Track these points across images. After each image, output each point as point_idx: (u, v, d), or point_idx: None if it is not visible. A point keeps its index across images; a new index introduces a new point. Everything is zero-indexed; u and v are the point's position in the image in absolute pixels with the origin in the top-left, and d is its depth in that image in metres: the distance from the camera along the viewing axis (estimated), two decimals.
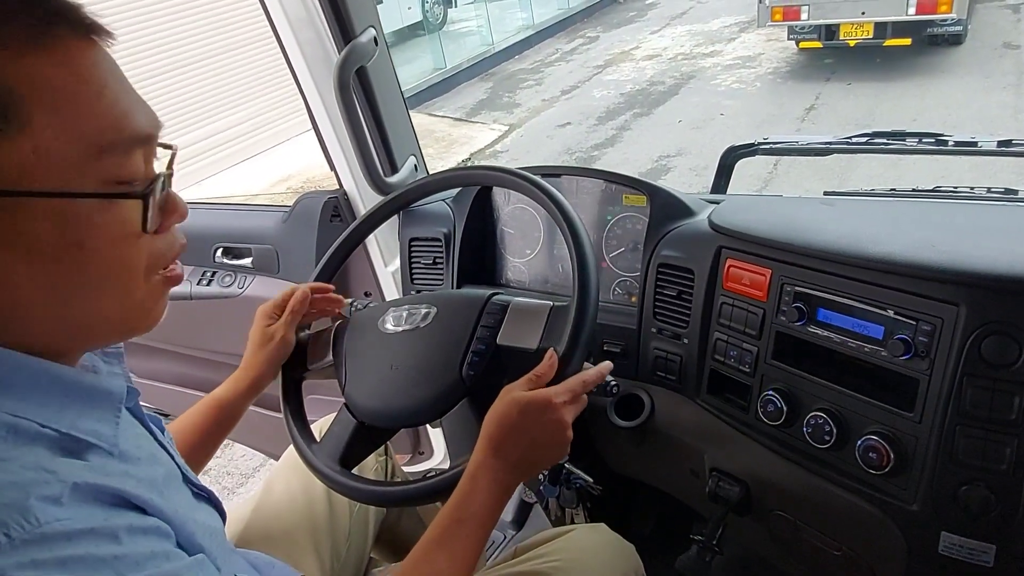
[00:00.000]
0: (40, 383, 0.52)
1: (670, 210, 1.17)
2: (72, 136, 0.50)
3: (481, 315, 0.93)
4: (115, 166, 0.52)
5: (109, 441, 0.55)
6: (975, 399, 0.80)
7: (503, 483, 0.75)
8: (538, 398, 0.77)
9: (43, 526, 0.44)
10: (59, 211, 0.50)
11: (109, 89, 0.52)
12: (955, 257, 0.84)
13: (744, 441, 1.05)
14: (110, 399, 0.58)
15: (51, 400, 0.52)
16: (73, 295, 0.53)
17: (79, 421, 0.53)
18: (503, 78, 9.17)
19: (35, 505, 0.44)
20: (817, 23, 6.62)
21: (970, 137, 1.30)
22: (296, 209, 1.60)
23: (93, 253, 0.52)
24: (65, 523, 0.45)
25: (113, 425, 0.57)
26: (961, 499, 0.82)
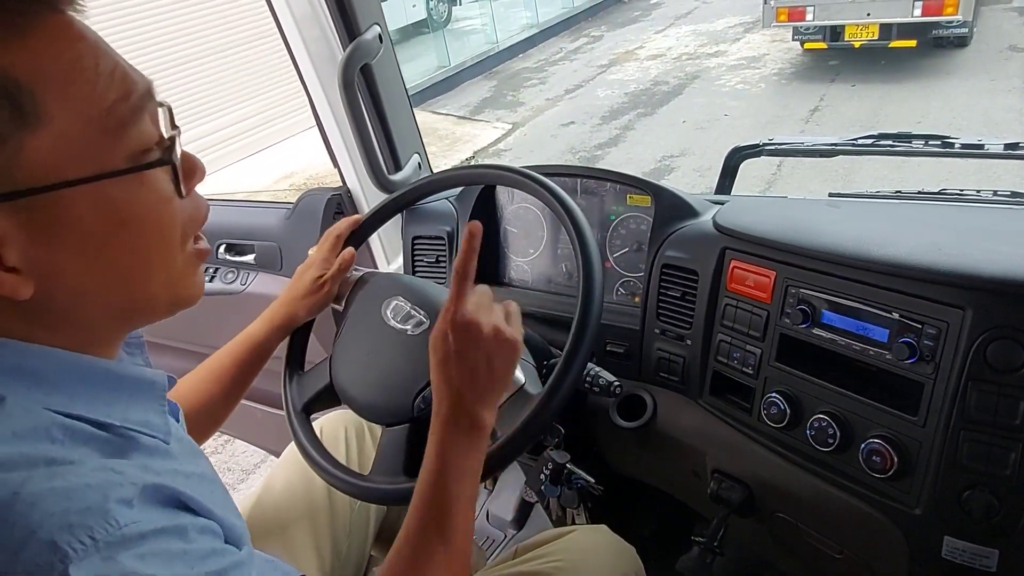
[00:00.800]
0: (86, 379, 0.53)
1: (674, 210, 1.17)
2: (88, 116, 0.49)
3: None
4: (135, 136, 0.52)
5: (162, 431, 0.56)
6: (980, 403, 0.80)
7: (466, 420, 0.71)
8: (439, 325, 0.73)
9: (123, 528, 0.44)
10: (96, 195, 0.49)
11: (103, 57, 0.51)
12: (961, 260, 0.83)
13: (746, 443, 1.05)
14: (154, 388, 0.58)
15: (99, 395, 0.53)
16: (125, 277, 0.53)
17: (129, 413, 0.54)
18: (507, 76, 9.17)
19: (114, 508, 0.45)
20: (822, 24, 6.60)
21: (976, 139, 1.29)
22: (299, 206, 1.60)
23: (136, 228, 0.52)
24: (140, 524, 0.45)
25: (162, 414, 0.58)
26: (964, 503, 0.82)
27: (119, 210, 0.51)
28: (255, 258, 1.68)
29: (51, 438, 0.47)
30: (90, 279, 0.51)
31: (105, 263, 0.52)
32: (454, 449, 0.70)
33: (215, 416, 0.99)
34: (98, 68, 0.50)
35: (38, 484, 0.44)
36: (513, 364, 0.74)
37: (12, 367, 0.49)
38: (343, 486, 0.92)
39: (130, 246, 0.52)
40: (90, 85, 0.49)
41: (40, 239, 0.48)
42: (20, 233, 0.47)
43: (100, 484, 0.45)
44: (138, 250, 0.53)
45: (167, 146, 0.55)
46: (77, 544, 0.42)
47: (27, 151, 0.46)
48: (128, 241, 0.52)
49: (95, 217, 0.50)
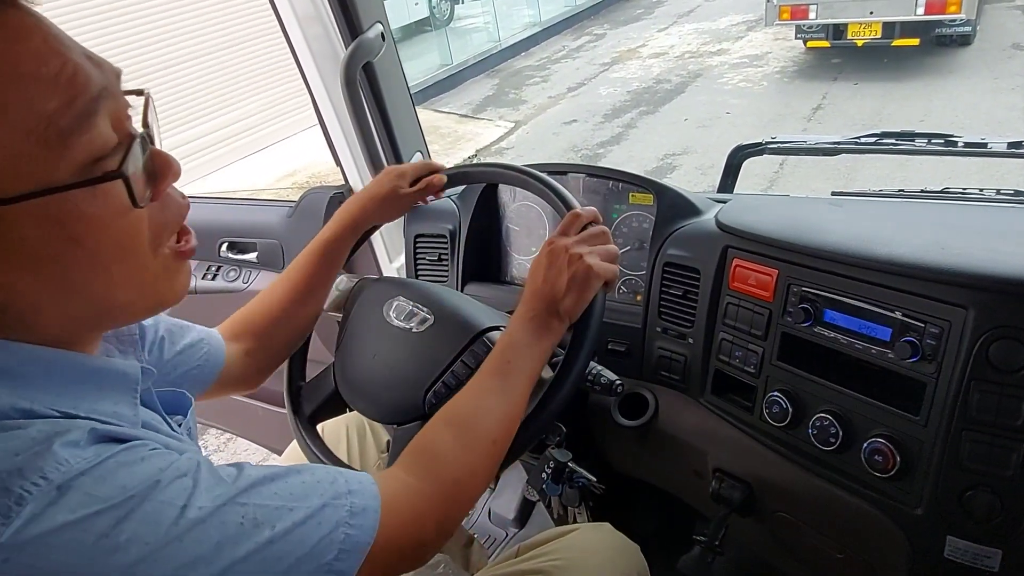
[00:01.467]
0: (53, 371, 0.52)
1: (677, 209, 1.17)
2: (26, 128, 0.45)
3: (466, 349, 0.91)
4: (84, 145, 0.48)
5: (130, 421, 0.55)
6: (982, 404, 0.80)
7: (542, 318, 0.80)
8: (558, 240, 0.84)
9: (74, 465, 0.44)
10: (40, 212, 0.46)
11: (48, 60, 0.46)
12: (964, 259, 0.83)
13: (748, 442, 1.05)
14: (125, 380, 0.57)
15: (67, 388, 0.52)
16: (83, 289, 0.51)
17: (98, 405, 0.53)
18: (509, 75, 9.16)
19: (61, 450, 0.44)
20: (825, 22, 6.59)
21: (980, 138, 1.29)
22: (301, 204, 1.60)
23: (91, 244, 0.49)
24: (90, 459, 0.45)
25: (132, 405, 0.57)
26: (966, 504, 0.82)
27: (68, 226, 0.47)
28: (257, 256, 1.68)
29: (6, 416, 0.47)
30: (46, 294, 0.49)
31: (59, 279, 0.49)
32: (524, 335, 0.79)
33: (299, 326, 1.02)
34: (39, 73, 0.46)
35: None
36: (589, 288, 0.81)
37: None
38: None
39: (87, 262, 0.50)
40: (27, 93, 0.45)
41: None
42: None
43: (47, 434, 0.45)
44: (96, 265, 0.50)
45: (124, 152, 0.50)
46: (30, 485, 0.42)
47: None
48: (83, 257, 0.49)
49: (41, 235, 0.47)
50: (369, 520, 0.58)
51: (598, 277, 0.81)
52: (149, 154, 0.53)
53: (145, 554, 0.44)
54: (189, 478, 0.49)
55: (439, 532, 0.67)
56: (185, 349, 0.86)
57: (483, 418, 0.74)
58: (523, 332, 0.79)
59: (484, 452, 0.73)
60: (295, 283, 1.00)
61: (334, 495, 0.56)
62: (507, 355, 0.78)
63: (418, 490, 0.66)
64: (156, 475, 0.47)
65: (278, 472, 0.55)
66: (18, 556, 0.41)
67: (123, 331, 0.66)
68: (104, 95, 0.50)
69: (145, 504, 0.46)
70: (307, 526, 0.53)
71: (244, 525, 0.49)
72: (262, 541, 0.50)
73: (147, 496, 0.46)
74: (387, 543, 0.58)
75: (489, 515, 1.68)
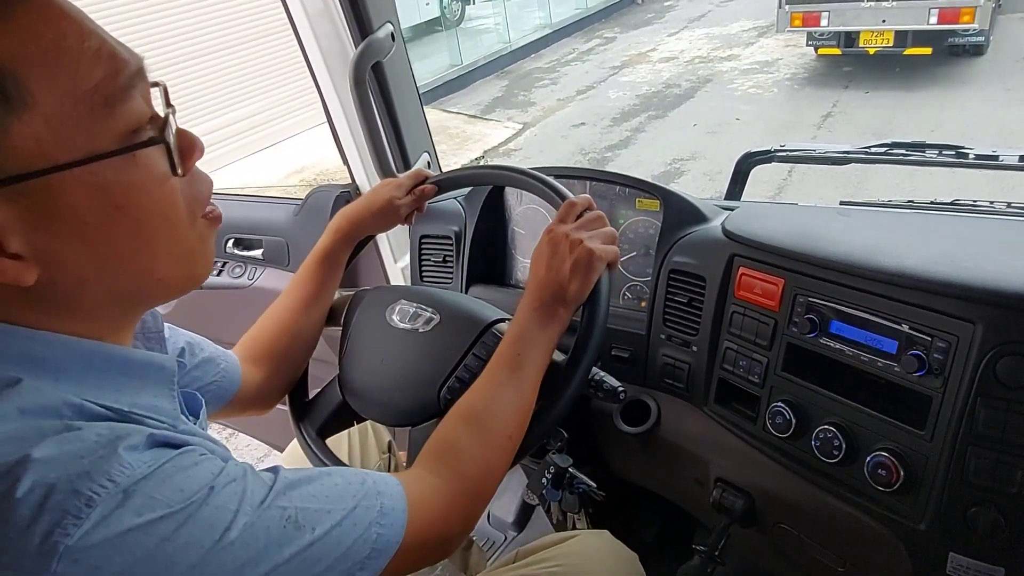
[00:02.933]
0: (94, 364, 0.53)
1: (683, 215, 1.16)
2: (75, 97, 0.48)
3: (476, 342, 0.91)
4: (124, 115, 0.50)
5: (170, 415, 0.57)
6: (988, 420, 0.79)
7: (549, 307, 0.81)
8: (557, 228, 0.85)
9: (137, 468, 0.46)
10: (89, 179, 0.48)
11: (88, 36, 0.49)
12: (973, 273, 0.82)
13: (751, 452, 1.04)
14: (163, 373, 0.58)
15: (107, 381, 0.53)
16: (128, 261, 0.52)
17: (138, 398, 0.54)
18: (519, 76, 9.17)
19: (125, 454, 0.46)
20: (836, 30, 6.58)
21: (991, 150, 1.28)
22: (308, 202, 1.60)
23: (135, 212, 0.51)
24: (151, 463, 0.47)
25: (171, 399, 0.58)
26: (970, 520, 0.81)
27: (114, 193, 0.50)
28: (263, 253, 1.68)
29: (60, 415, 0.48)
30: (93, 265, 0.51)
31: (107, 248, 0.51)
32: (532, 326, 0.80)
33: (308, 339, 1.03)
34: (83, 46, 0.49)
35: (50, 448, 0.44)
36: (591, 271, 0.82)
37: (18, 354, 0.49)
38: None
39: (131, 230, 0.51)
40: (75, 64, 0.48)
41: (39, 225, 0.47)
42: (19, 220, 0.47)
43: (109, 438, 0.46)
44: (140, 233, 0.52)
45: (160, 125, 0.53)
46: (99, 488, 0.43)
47: (14, 136, 0.45)
48: (128, 225, 0.51)
49: (90, 202, 0.49)
50: (398, 520, 0.60)
51: (600, 259, 0.82)
52: (176, 132, 0.55)
53: (200, 557, 0.46)
54: (239, 483, 0.51)
55: (463, 527, 0.70)
56: (202, 363, 0.86)
57: (498, 413, 0.75)
58: (531, 322, 0.80)
59: (501, 446, 0.75)
60: (299, 296, 1.01)
61: (364, 496, 0.59)
62: (517, 347, 0.79)
63: (441, 488, 0.68)
64: (211, 480, 0.49)
65: (312, 475, 0.57)
66: (86, 557, 0.42)
67: (149, 328, 0.66)
68: (139, 75, 0.53)
69: (203, 509, 0.47)
70: (343, 527, 0.55)
71: (287, 528, 0.51)
72: (304, 543, 0.52)
73: (204, 501, 0.47)
74: (414, 540, 0.61)
75: (488, 518, 1.67)
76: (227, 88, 7.13)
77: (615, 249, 0.85)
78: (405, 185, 1.08)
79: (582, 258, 0.81)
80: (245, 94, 7.28)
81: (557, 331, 0.82)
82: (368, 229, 1.08)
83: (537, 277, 0.83)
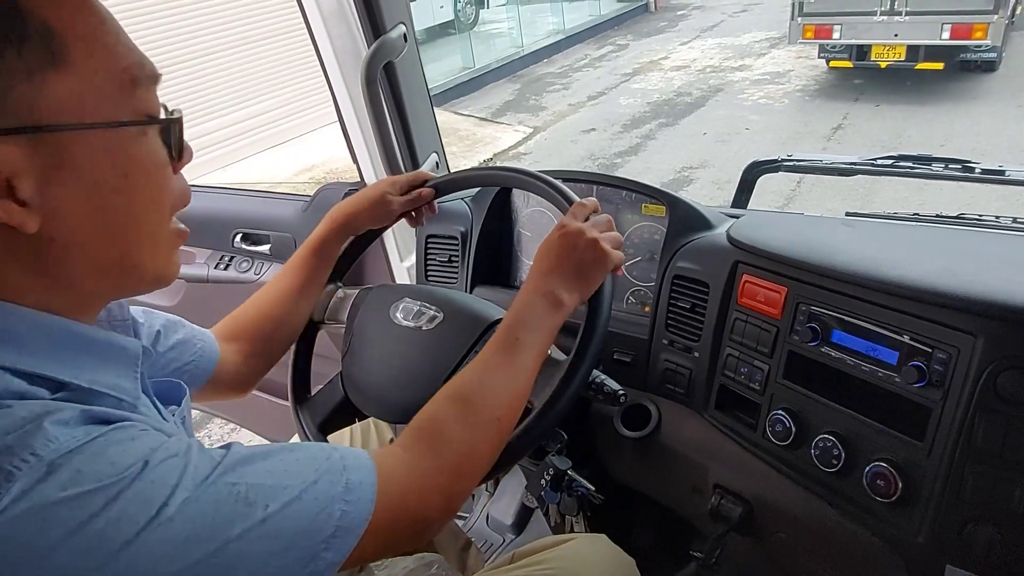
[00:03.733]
0: (56, 340, 0.53)
1: (689, 222, 1.16)
2: (108, 70, 0.53)
3: (481, 337, 0.92)
4: (142, 100, 0.55)
5: (131, 395, 0.56)
6: (987, 435, 0.79)
7: (553, 295, 0.80)
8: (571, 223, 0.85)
9: (64, 442, 0.45)
10: (106, 142, 0.53)
11: (123, 33, 0.56)
12: (975, 286, 0.82)
13: (750, 460, 1.04)
14: (126, 355, 0.59)
15: (69, 357, 0.53)
16: (119, 234, 0.55)
17: (98, 376, 0.54)
18: (531, 80, 9.18)
19: (51, 427, 0.45)
20: (848, 43, 6.57)
21: (998, 166, 1.28)
22: (316, 199, 1.61)
23: (136, 184, 0.55)
24: (80, 438, 0.46)
25: (133, 380, 0.58)
26: (967, 536, 0.80)
27: (124, 161, 0.54)
28: (270, 248, 1.69)
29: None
30: (88, 228, 0.53)
31: (105, 214, 0.54)
32: (533, 311, 0.79)
33: (292, 327, 1.03)
34: (119, 37, 0.55)
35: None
36: (600, 269, 0.83)
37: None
38: None
39: (128, 201, 0.55)
40: (111, 46, 0.54)
41: (52, 177, 0.50)
42: (35, 168, 0.49)
43: (38, 412, 0.46)
44: (134, 207, 0.55)
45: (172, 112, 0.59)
46: (19, 462, 0.43)
47: (50, 88, 0.49)
48: (127, 195, 0.55)
49: (102, 165, 0.53)
50: (366, 496, 0.57)
51: (610, 261, 0.83)
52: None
53: (135, 534, 0.44)
54: (180, 458, 0.49)
55: (443, 508, 0.66)
56: (178, 344, 0.86)
57: (488, 395, 0.73)
58: (532, 308, 0.79)
59: (488, 429, 0.72)
60: (288, 284, 1.02)
61: (328, 470, 0.56)
62: (515, 331, 0.77)
63: (417, 466, 0.65)
64: (146, 455, 0.48)
65: (270, 450, 0.56)
66: (11, 532, 0.41)
67: (115, 316, 0.67)
68: (158, 80, 0.58)
69: (136, 483, 0.46)
70: (302, 502, 0.53)
71: (237, 504, 0.49)
72: (256, 519, 0.50)
73: (138, 476, 0.46)
74: (385, 519, 0.58)
75: (487, 520, 1.68)
76: (241, 85, 7.17)
77: (621, 254, 0.86)
78: (401, 183, 1.08)
79: (595, 254, 0.82)
80: (259, 91, 7.32)
81: (560, 319, 0.81)
82: (362, 221, 1.07)
83: (547, 263, 0.83)
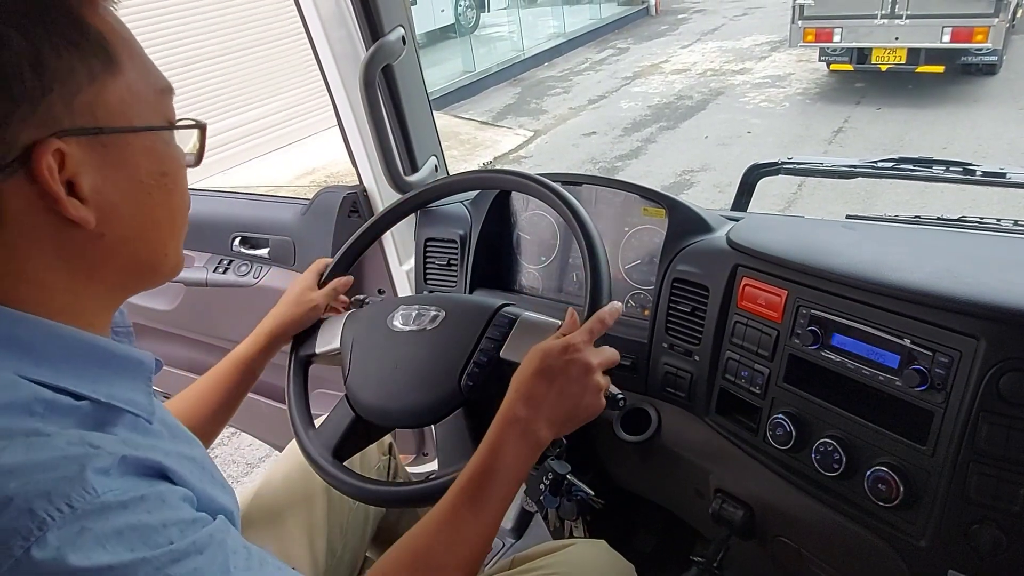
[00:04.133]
0: (75, 352, 0.54)
1: (689, 225, 1.16)
2: (146, 78, 0.58)
3: (488, 325, 0.92)
4: (169, 105, 0.61)
5: (146, 410, 0.57)
6: (990, 436, 0.78)
7: (533, 435, 0.73)
8: (557, 342, 0.76)
9: (101, 496, 0.45)
10: (149, 144, 0.57)
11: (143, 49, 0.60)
12: (976, 289, 0.82)
13: (751, 463, 1.03)
14: (141, 368, 0.60)
15: (87, 369, 0.54)
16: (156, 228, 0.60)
17: (114, 390, 0.55)
18: (531, 84, 9.19)
19: (91, 477, 0.45)
20: (849, 46, 6.58)
21: (999, 168, 1.28)
22: (315, 203, 1.61)
23: (171, 182, 0.60)
24: (118, 493, 0.46)
25: (147, 394, 0.59)
26: (971, 538, 0.80)
27: (163, 161, 0.59)
28: (269, 252, 1.69)
29: (31, 411, 0.48)
30: (135, 224, 0.57)
31: (149, 211, 0.58)
32: (506, 454, 0.71)
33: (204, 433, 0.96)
34: (144, 51, 0.59)
35: (15, 455, 0.45)
36: (589, 414, 0.76)
37: (3, 336, 0.51)
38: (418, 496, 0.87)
39: (166, 198, 0.60)
40: (143, 56, 0.58)
41: (107, 176, 0.54)
42: (94, 168, 0.53)
43: (78, 455, 0.46)
44: (171, 203, 0.60)
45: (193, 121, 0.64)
46: (55, 511, 0.43)
47: (108, 92, 0.54)
48: (166, 192, 0.59)
49: (148, 164, 0.57)
50: None
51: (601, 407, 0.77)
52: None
53: None
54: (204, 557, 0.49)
55: None
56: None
57: (453, 555, 0.67)
58: (506, 449, 0.71)
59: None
60: (209, 397, 0.98)
61: None
62: (485, 480, 0.70)
63: None
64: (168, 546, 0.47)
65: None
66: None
67: (117, 323, 0.67)
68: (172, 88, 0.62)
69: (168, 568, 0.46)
70: None
71: None
72: None
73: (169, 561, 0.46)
74: None
75: None
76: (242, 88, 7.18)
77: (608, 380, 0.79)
78: (310, 280, 1.09)
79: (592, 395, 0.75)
80: (260, 95, 7.33)
81: (533, 460, 0.73)
82: (288, 329, 1.05)
83: (535, 385, 0.74)
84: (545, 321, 0.92)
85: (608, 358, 0.79)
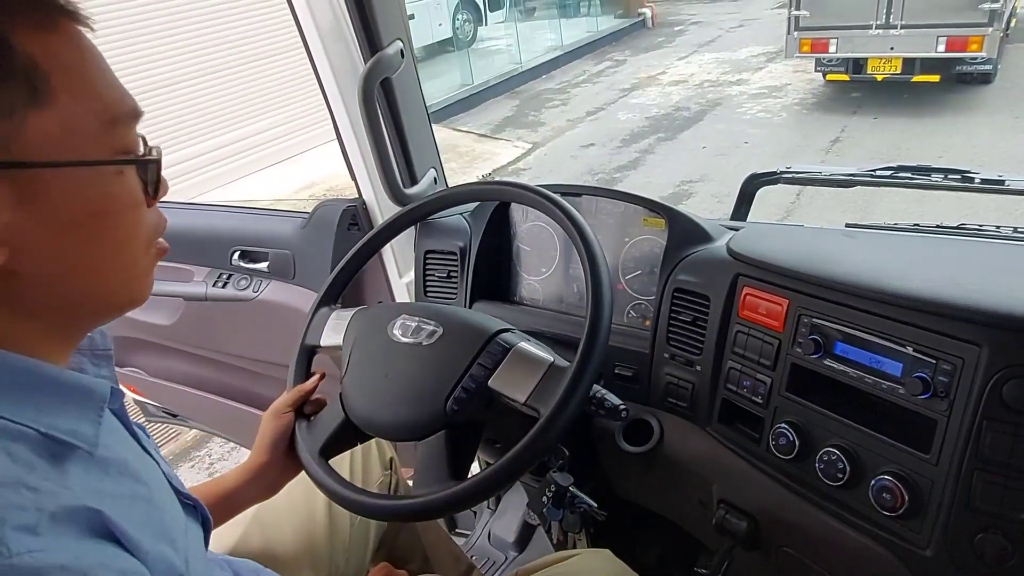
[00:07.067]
0: (18, 380, 0.52)
1: (688, 235, 1.16)
2: (89, 109, 0.53)
3: (481, 351, 0.90)
4: (122, 137, 0.56)
5: (89, 441, 0.53)
6: (995, 444, 0.78)
7: None
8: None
9: (13, 557, 0.42)
10: (81, 180, 0.53)
11: (107, 69, 0.56)
12: (978, 296, 0.82)
13: (754, 474, 1.03)
14: (92, 397, 0.56)
15: (28, 398, 0.51)
16: (88, 268, 0.55)
17: (58, 420, 0.52)
18: (529, 97, 9.23)
19: (9, 535, 0.42)
20: (845, 56, 6.63)
21: (997, 175, 1.28)
22: (314, 216, 1.61)
23: (107, 222, 0.55)
24: (37, 556, 0.43)
25: (94, 424, 0.55)
26: (977, 547, 0.79)
27: (96, 200, 0.54)
28: (269, 266, 1.68)
29: None
30: (57, 262, 0.53)
31: (73, 248, 0.54)
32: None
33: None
34: (104, 72, 0.55)
35: None
36: None
37: None
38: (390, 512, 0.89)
39: (99, 238, 0.55)
40: (95, 83, 0.54)
41: (23, 212, 0.50)
42: (5, 203, 0.49)
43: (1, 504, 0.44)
44: (105, 243, 0.56)
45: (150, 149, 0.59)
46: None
47: (30, 127, 0.49)
48: (98, 233, 0.55)
49: (75, 201, 0.53)
50: None
51: None
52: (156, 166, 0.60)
53: None
54: None
55: None
56: None
57: None
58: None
59: None
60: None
61: None
62: None
63: None
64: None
65: None
66: None
67: (97, 346, 0.65)
68: (139, 117, 0.58)
69: None
70: None
71: None
72: None
73: None
74: None
75: (489, 537, 1.66)
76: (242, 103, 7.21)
77: None
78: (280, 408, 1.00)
79: None
80: (261, 109, 7.36)
81: None
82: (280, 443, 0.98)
83: None
84: (538, 356, 0.89)
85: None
